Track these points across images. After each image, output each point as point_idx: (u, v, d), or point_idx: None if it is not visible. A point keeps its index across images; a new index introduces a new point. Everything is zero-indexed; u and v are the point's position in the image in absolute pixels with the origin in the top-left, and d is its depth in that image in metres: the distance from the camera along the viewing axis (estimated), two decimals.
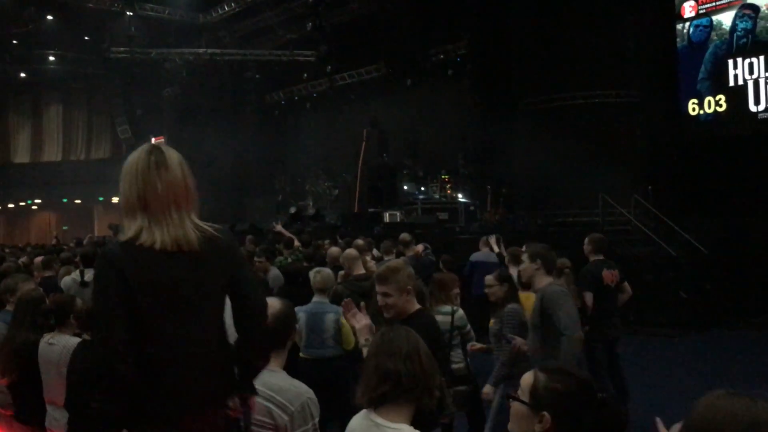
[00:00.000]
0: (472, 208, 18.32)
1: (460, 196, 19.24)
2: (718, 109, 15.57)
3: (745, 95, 15.13)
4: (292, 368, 4.39)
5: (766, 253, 12.30)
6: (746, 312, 11.65)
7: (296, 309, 5.24)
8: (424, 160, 20.81)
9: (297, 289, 5.82)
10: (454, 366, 5.22)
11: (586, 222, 14.43)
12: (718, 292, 11.58)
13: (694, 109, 15.99)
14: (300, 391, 2.71)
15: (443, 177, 19.60)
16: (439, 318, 5.28)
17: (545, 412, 1.95)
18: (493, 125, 16.76)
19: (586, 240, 6.71)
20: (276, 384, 2.70)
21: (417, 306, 3.64)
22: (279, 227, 11.11)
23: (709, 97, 15.71)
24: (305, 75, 24.95)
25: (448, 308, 5.27)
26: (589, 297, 6.26)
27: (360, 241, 8.22)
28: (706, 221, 13.23)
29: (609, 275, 6.44)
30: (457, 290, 5.57)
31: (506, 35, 18.04)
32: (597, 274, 6.42)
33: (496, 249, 9.14)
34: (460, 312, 5.31)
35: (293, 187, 24.23)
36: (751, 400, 1.60)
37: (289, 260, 8.45)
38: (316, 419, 2.70)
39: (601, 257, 6.58)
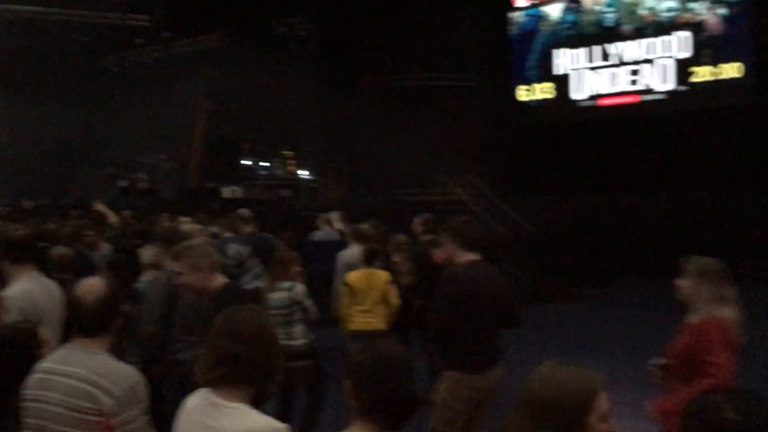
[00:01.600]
0: (314, 185, 18.32)
1: (302, 172, 19.16)
2: (546, 96, 16.64)
3: (569, 84, 16.28)
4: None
5: (585, 231, 13.38)
6: (566, 286, 12.62)
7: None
8: (266, 135, 20.46)
9: (127, 267, 5.52)
10: (295, 342, 5.20)
11: (425, 201, 14.91)
12: (540, 268, 12.44)
13: (523, 95, 16.97)
14: (126, 373, 2.54)
15: (286, 153, 19.41)
16: (277, 294, 5.27)
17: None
18: (336, 102, 16.79)
19: (416, 219, 6.64)
20: (99, 367, 2.51)
21: (221, 281, 3.65)
22: (100, 206, 10.34)
23: (538, 84, 16.74)
24: (139, 41, 23.55)
25: (286, 284, 5.26)
26: (413, 275, 6.19)
27: (185, 218, 7.88)
28: (533, 201, 14.14)
29: (440, 254, 6.30)
30: (298, 268, 5.55)
31: (350, 13, 18.07)
32: (425, 253, 6.24)
33: (338, 226, 9.16)
34: (299, 287, 5.29)
35: (125, 159, 22.89)
36: (580, 368, 1.75)
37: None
38: (145, 402, 2.54)
39: (431, 237, 6.49)
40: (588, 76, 16.06)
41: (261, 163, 19.52)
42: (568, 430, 1.66)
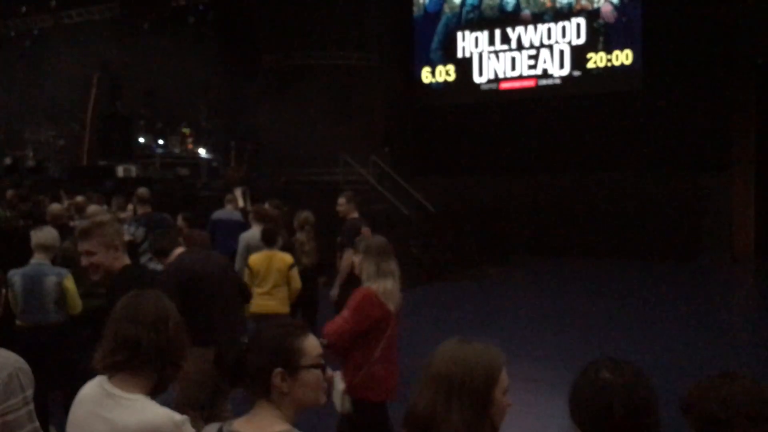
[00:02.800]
0: (214, 164, 17.85)
1: (201, 151, 18.62)
2: (448, 78, 16.86)
3: (471, 67, 16.55)
4: (7, 338, 3.92)
5: (486, 211, 13.72)
6: (466, 264, 12.91)
7: (11, 272, 4.71)
8: (163, 111, 19.70)
9: (10, 250, 5.16)
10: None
11: (328, 181, 14.82)
12: (442, 247, 12.67)
13: (427, 77, 17.12)
14: (6, 361, 2.35)
15: (184, 131, 18.81)
16: None
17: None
18: (236, 79, 16.36)
19: (343, 198, 6.59)
20: None
21: (125, 261, 3.41)
22: None
23: (441, 67, 16.93)
24: (24, 8, 22.09)
25: None
26: (350, 253, 6.13)
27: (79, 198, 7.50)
28: (435, 181, 14.35)
29: (366, 232, 6.24)
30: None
31: None
32: (358, 231, 6.19)
33: (241, 203, 8.97)
34: None
35: (9, 135, 21.48)
36: (484, 344, 1.80)
37: None
38: (29, 392, 2.36)
39: (357, 214, 6.57)
40: (490, 59, 16.38)
41: (158, 141, 18.78)
42: (478, 404, 1.70)
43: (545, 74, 15.85)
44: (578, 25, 15.50)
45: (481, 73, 16.50)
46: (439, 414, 1.69)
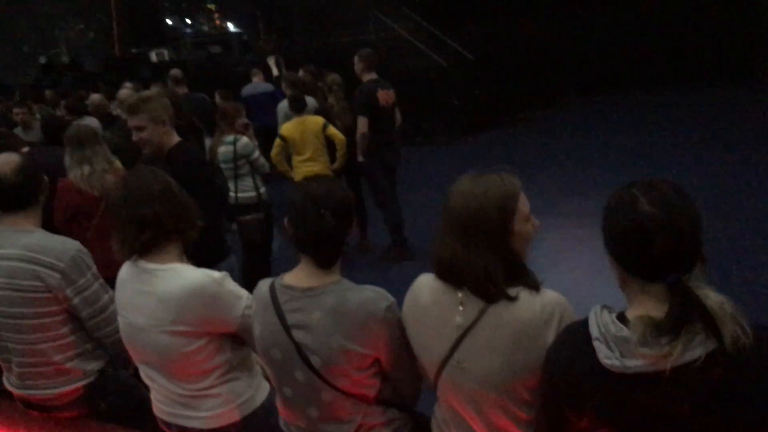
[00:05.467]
0: (245, 37, 17.49)
1: (230, 25, 18.24)
2: None
3: None
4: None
5: (526, 55, 13.23)
6: (511, 111, 12.66)
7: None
8: None
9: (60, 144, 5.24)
10: (243, 195, 5.16)
11: (361, 41, 14.42)
12: (486, 96, 12.38)
13: None
14: (65, 246, 2.46)
15: (209, 6, 18.35)
16: (222, 149, 5.17)
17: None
18: None
19: (356, 58, 6.09)
20: (36, 244, 2.43)
21: (177, 139, 3.38)
22: None
23: None
24: None
25: (230, 138, 5.13)
26: (363, 122, 5.77)
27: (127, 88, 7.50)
28: (472, 29, 13.78)
29: (384, 95, 5.90)
30: (243, 120, 5.41)
31: None
32: (372, 95, 5.84)
33: (276, 71, 8.85)
34: (244, 140, 5.16)
35: (39, 34, 21.40)
36: (496, 174, 1.73)
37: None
38: (94, 268, 2.49)
39: (375, 76, 5.98)
40: None
41: (186, 21, 18.44)
42: (496, 241, 1.67)
43: None
44: None
45: None
46: (460, 259, 1.68)
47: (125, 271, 2.24)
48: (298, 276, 1.95)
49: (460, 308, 1.71)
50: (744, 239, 5.51)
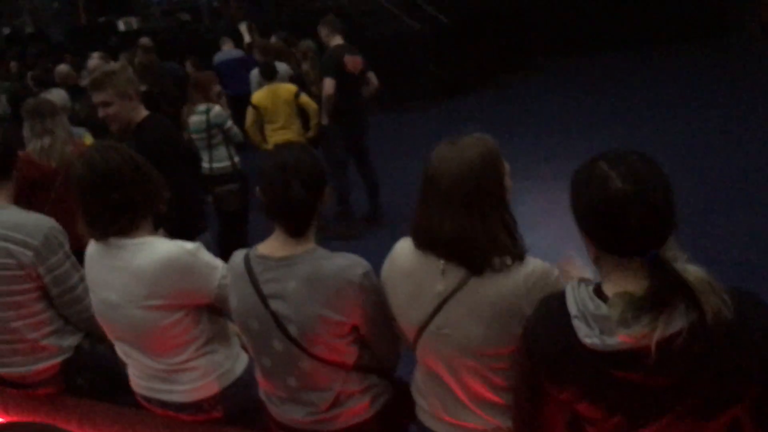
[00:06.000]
0: (215, 4, 17.14)
1: None
2: None
3: None
4: None
5: (502, 18, 13.13)
6: (487, 75, 12.59)
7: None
8: None
9: None
10: (218, 165, 5.11)
11: (333, 5, 14.19)
12: (462, 60, 12.29)
13: None
14: (39, 223, 2.42)
15: None
16: (194, 118, 5.11)
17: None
18: None
19: (319, 25, 5.99)
20: (8, 221, 2.38)
21: (145, 112, 3.30)
22: None
23: None
24: None
25: (203, 107, 5.05)
26: (329, 83, 5.62)
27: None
28: None
29: (351, 61, 5.76)
30: (217, 88, 5.35)
31: None
32: (339, 59, 5.70)
33: (247, 38, 8.71)
34: (216, 109, 5.09)
35: (2, 4, 20.80)
36: (473, 139, 1.71)
37: None
38: (66, 246, 2.45)
39: (341, 41, 5.86)
40: None
41: None
42: (495, 202, 1.66)
43: None
44: None
45: None
46: (468, 230, 1.64)
47: (94, 248, 2.19)
48: (272, 246, 1.93)
49: (441, 276, 1.70)
50: (719, 196, 5.58)
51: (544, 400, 1.48)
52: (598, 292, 1.38)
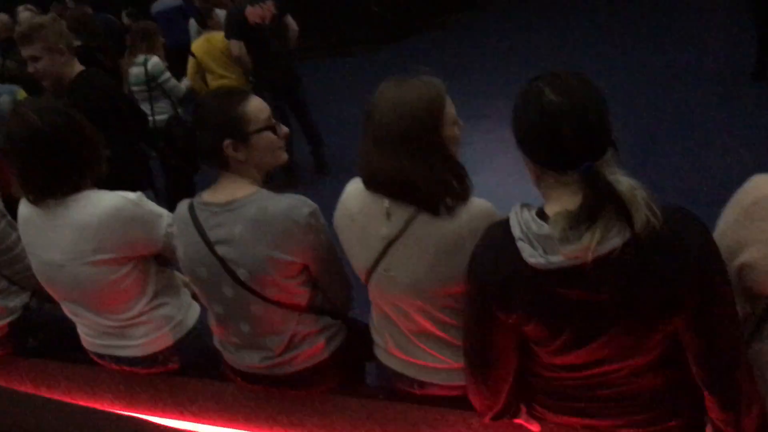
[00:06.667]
0: None
1: None
2: None
3: None
4: None
5: None
6: (433, 15, 12.44)
7: None
8: None
9: None
10: (160, 117, 5.00)
11: None
12: (406, 0, 12.11)
13: None
14: None
15: None
16: (134, 70, 4.97)
17: None
18: None
19: None
20: None
21: (80, 68, 3.19)
22: None
23: None
24: None
25: (141, 58, 4.90)
26: (235, 45, 5.32)
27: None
28: None
29: (253, 13, 5.37)
30: (162, 39, 5.17)
31: None
32: (239, 15, 5.35)
33: None
34: (154, 60, 4.94)
35: None
36: (420, 82, 1.68)
37: None
38: (1, 205, 2.38)
39: None
40: None
41: None
42: (428, 144, 1.64)
43: None
44: None
45: None
46: (408, 170, 1.63)
47: (30, 210, 2.11)
48: (216, 192, 1.92)
49: (387, 219, 1.70)
50: (663, 127, 5.70)
51: (494, 326, 1.50)
52: (541, 214, 1.41)
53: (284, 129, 1.96)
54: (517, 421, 1.67)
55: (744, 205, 1.46)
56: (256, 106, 1.88)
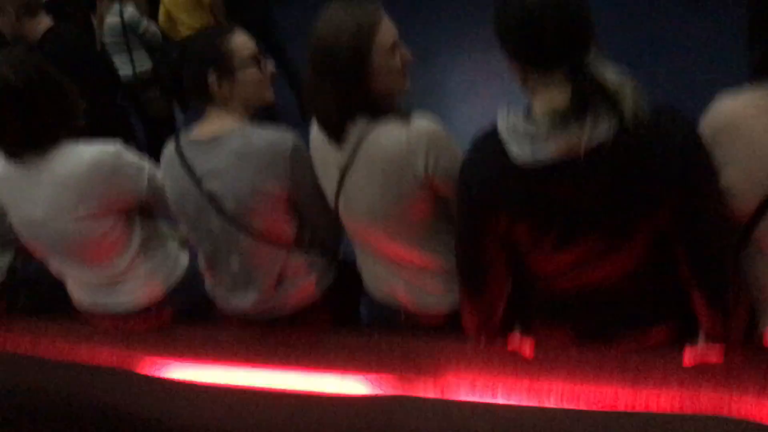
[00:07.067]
0: None
1: None
2: None
3: None
4: None
5: None
6: None
7: None
8: None
9: None
10: (140, 69, 4.88)
11: None
12: None
13: None
14: None
15: None
16: (109, 20, 4.83)
17: None
18: None
19: None
20: None
21: (48, 24, 3.11)
22: None
23: None
24: None
25: (116, 7, 4.76)
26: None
27: None
28: None
29: None
30: None
31: None
32: None
33: None
34: (130, 10, 4.78)
35: None
36: (357, 5, 1.63)
37: None
38: None
39: None
40: None
41: None
42: (350, 71, 1.60)
43: None
44: None
45: None
46: (316, 86, 1.65)
47: (6, 167, 2.05)
48: (201, 129, 1.92)
49: (339, 147, 1.70)
50: (641, 48, 5.63)
51: (484, 234, 1.50)
52: (528, 115, 1.40)
53: (270, 68, 1.93)
54: (512, 348, 1.67)
55: (711, 131, 1.40)
56: (242, 41, 1.88)
